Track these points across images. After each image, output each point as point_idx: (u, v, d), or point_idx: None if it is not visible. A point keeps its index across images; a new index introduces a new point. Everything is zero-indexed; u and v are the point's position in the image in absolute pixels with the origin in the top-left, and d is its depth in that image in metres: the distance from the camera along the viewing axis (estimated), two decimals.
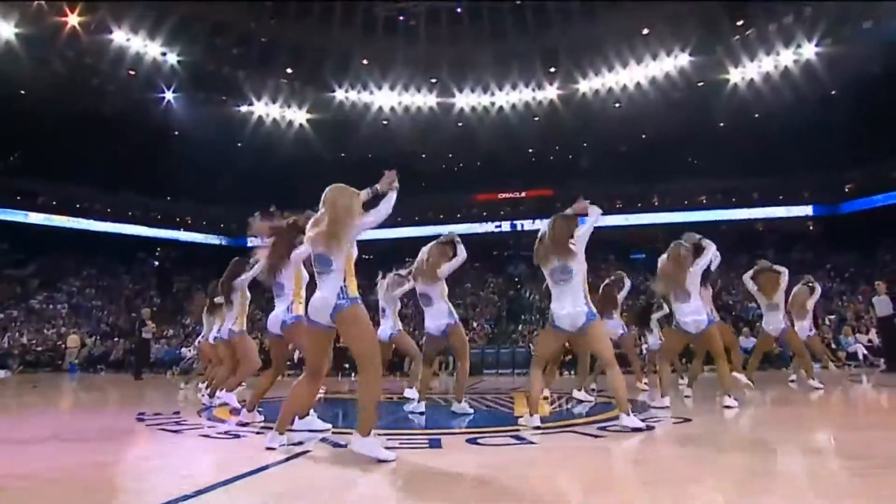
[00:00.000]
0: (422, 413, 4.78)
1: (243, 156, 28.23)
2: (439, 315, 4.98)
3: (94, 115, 23.64)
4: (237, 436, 3.63)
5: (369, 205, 3.24)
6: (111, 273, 25.11)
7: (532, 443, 3.27)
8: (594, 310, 3.91)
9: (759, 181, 24.15)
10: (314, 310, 3.04)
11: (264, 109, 26.94)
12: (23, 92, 23.49)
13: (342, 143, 28.77)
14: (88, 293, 22.46)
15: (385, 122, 27.97)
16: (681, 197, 25.49)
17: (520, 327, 19.18)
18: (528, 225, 27.26)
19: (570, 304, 3.90)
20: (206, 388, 6.03)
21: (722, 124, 23.73)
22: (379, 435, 2.96)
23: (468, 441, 3.31)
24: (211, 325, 6.55)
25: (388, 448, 2.81)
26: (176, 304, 24.48)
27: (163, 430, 3.90)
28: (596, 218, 4.24)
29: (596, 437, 3.44)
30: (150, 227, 28.20)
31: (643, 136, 24.90)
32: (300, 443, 3.23)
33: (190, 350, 14.95)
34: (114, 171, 24.97)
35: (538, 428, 3.66)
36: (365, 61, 25.01)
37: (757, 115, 22.58)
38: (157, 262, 29.91)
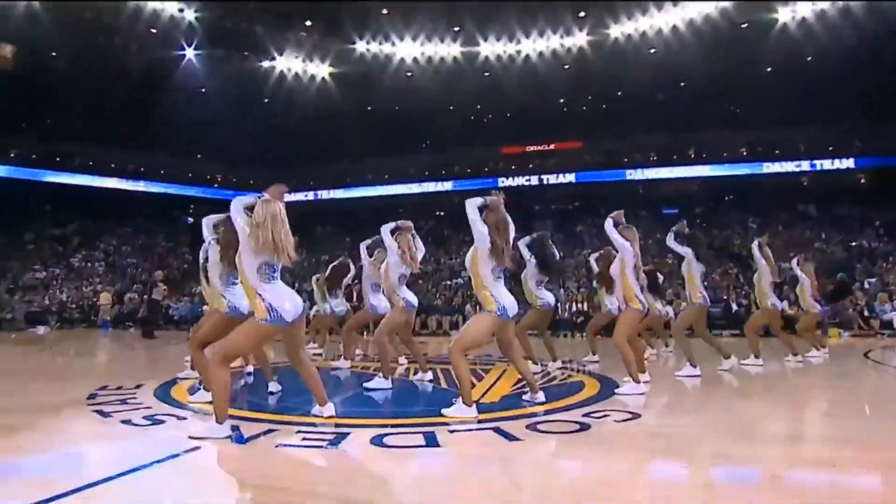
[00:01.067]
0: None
1: (269, 112, 28.21)
2: None
3: (121, 75, 23.93)
4: (160, 422, 3.57)
5: None
6: (146, 231, 25.99)
7: (438, 445, 3.03)
8: None
9: (806, 131, 22.33)
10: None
11: (286, 64, 26.61)
12: (53, 54, 23.94)
13: (367, 97, 28.26)
14: (124, 251, 23.37)
15: (409, 74, 27.18)
16: (719, 149, 23.92)
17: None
18: (555, 179, 26.43)
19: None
20: None
21: (769, 69, 21.84)
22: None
23: (373, 441, 3.10)
24: None
25: (284, 445, 2.87)
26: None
27: (97, 412, 3.88)
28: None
29: (511, 439, 3.15)
30: (182, 185, 28.85)
31: (681, 84, 23.25)
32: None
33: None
34: (145, 132, 25.36)
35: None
36: (385, 11, 24.08)
37: (809, 59, 20.60)
38: (190, 220, 30.79)
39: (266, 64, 27.16)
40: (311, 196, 30.84)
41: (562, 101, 26.62)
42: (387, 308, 5.61)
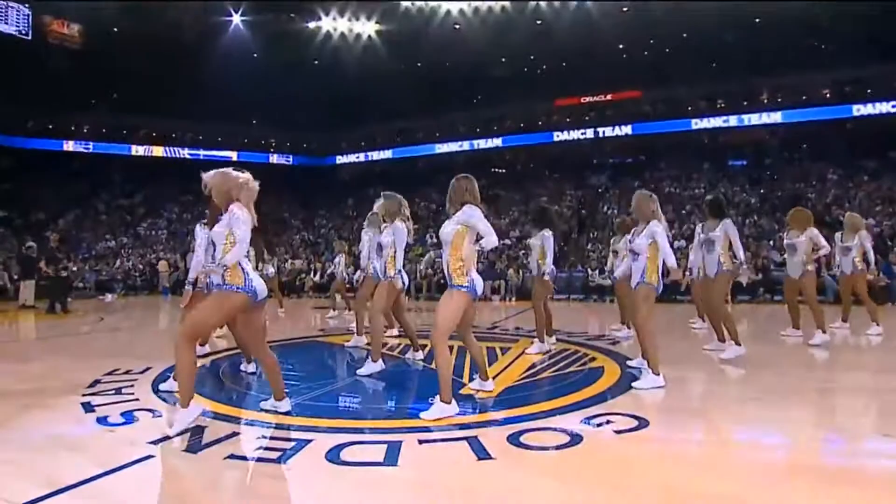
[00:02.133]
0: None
1: (319, 75, 28.15)
2: None
3: (177, 47, 24.50)
4: (132, 420, 3.49)
5: None
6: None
7: (396, 464, 2.70)
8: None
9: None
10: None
11: (332, 24, 26.31)
12: (116, 30, 24.81)
13: (416, 53, 27.58)
14: (186, 218, 24.43)
15: (456, 27, 26.15)
16: (798, 91, 21.38)
17: (588, 245, 17.91)
18: (611, 131, 24.89)
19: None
20: None
21: None
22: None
23: (328, 456, 2.84)
24: None
25: (233, 457, 2.74)
26: (262, 225, 26.02)
27: (85, 404, 3.86)
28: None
29: (481, 458, 2.78)
30: (238, 152, 29.62)
31: (756, 21, 20.83)
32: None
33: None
34: (202, 101, 26.08)
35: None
36: None
37: None
38: None
39: (312, 25, 26.96)
40: (361, 157, 30.90)
41: (620, 47, 24.73)
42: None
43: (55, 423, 3.49)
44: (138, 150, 27.09)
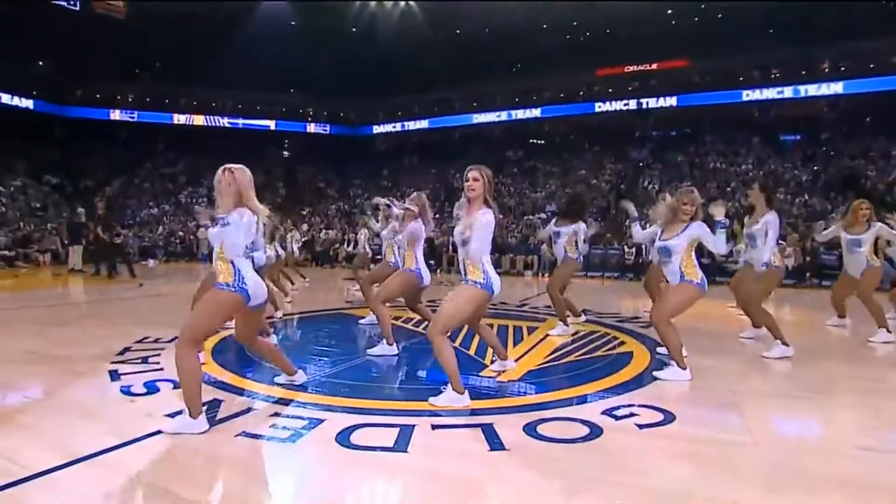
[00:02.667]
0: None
1: (356, 44, 27.92)
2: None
3: (216, 18, 24.67)
4: (155, 390, 3.55)
5: None
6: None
7: (406, 450, 2.64)
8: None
9: None
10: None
11: None
12: (157, 0, 25.12)
13: (454, 21, 26.96)
14: None
15: None
16: (863, 59, 19.80)
17: (626, 222, 17.33)
18: (655, 103, 23.85)
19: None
20: None
21: None
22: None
23: (338, 438, 2.79)
24: None
25: (245, 434, 2.75)
26: (298, 192, 26.38)
27: (112, 371, 3.96)
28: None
29: (494, 448, 2.69)
30: (277, 121, 29.87)
31: None
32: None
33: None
34: (242, 71, 26.32)
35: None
36: None
37: None
38: (286, 153, 32.09)
39: None
40: (398, 127, 30.70)
41: (669, 12, 23.47)
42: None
43: (79, 391, 3.58)
44: (180, 118, 27.64)
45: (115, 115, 26.59)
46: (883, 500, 2.20)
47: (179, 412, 3.07)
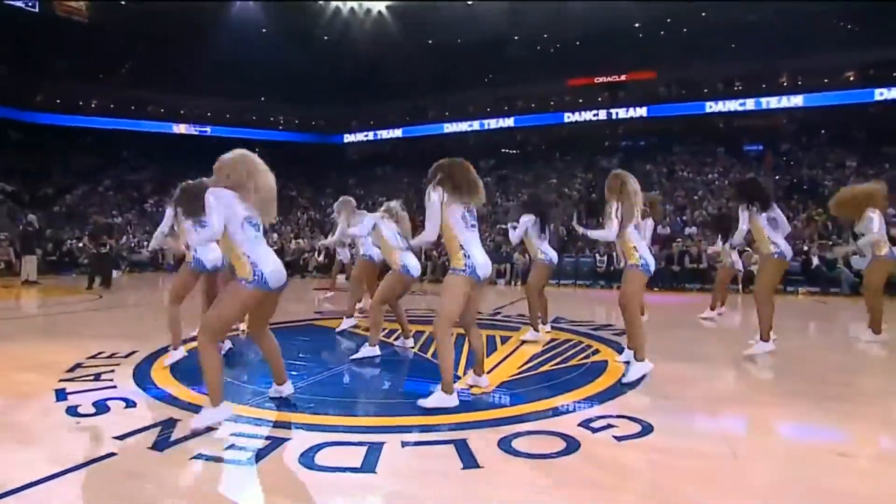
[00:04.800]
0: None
1: (329, 52, 27.77)
2: None
3: (185, 23, 24.16)
4: (105, 410, 3.31)
5: None
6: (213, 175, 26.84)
7: (374, 471, 2.49)
8: None
9: None
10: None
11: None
12: (123, 3, 24.50)
13: (427, 31, 27.07)
14: None
15: (469, 3, 25.60)
16: (820, 74, 20.65)
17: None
18: (625, 113, 24.31)
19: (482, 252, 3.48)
20: None
21: None
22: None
23: (301, 460, 2.62)
24: None
25: (201, 456, 2.59)
26: None
27: (59, 390, 3.69)
28: None
29: (468, 466, 2.56)
30: (247, 129, 29.36)
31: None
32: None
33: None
34: (210, 77, 25.85)
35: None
36: None
37: None
38: None
39: (321, 0, 26.49)
40: (370, 136, 30.56)
41: (636, 25, 24.05)
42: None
43: (19, 413, 3.30)
44: (147, 125, 26.93)
45: (78, 121, 25.72)
46: None
47: (131, 434, 2.87)
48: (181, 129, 27.70)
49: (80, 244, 11.96)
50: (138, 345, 5.17)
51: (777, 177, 19.00)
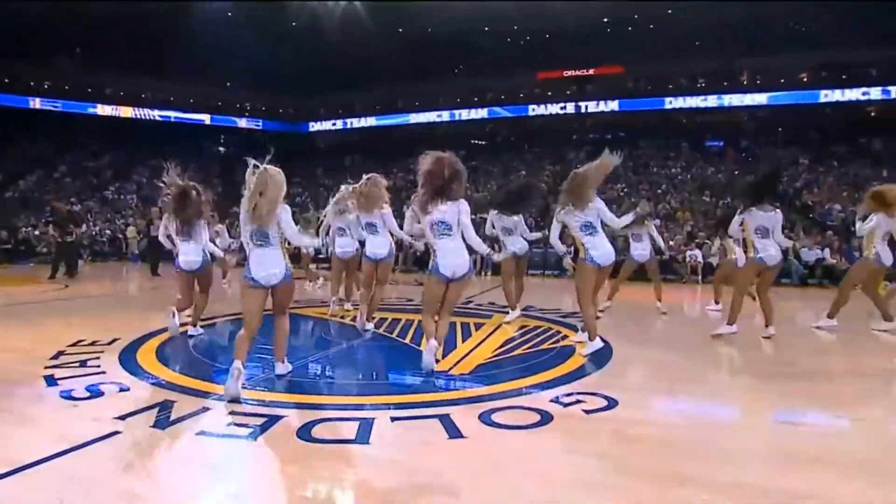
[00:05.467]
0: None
1: (297, 38, 27.25)
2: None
3: (145, 2, 23.32)
4: (99, 394, 3.41)
5: None
6: (177, 163, 26.16)
7: (368, 442, 2.71)
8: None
9: (881, 53, 19.75)
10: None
11: None
12: None
13: (396, 19, 26.85)
14: (156, 183, 23.69)
15: None
16: (777, 74, 21.59)
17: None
18: (595, 107, 24.82)
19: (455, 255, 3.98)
20: None
21: None
22: None
23: (300, 434, 2.82)
24: None
25: (204, 433, 2.80)
26: (237, 190, 25.48)
27: (48, 377, 3.75)
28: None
29: (454, 436, 2.81)
30: (211, 115, 28.69)
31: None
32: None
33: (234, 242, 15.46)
34: (174, 61, 25.05)
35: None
36: None
37: None
38: (222, 149, 30.88)
39: None
40: (339, 125, 30.28)
41: (605, 20, 24.46)
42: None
43: (14, 398, 3.38)
44: (105, 109, 25.98)
45: (33, 103, 24.62)
46: (798, 465, 2.48)
47: (130, 414, 3.00)
48: (142, 113, 26.86)
49: (43, 232, 11.61)
50: (118, 333, 5.21)
51: (737, 172, 19.85)
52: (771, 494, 2.19)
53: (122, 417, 2.95)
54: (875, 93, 20.15)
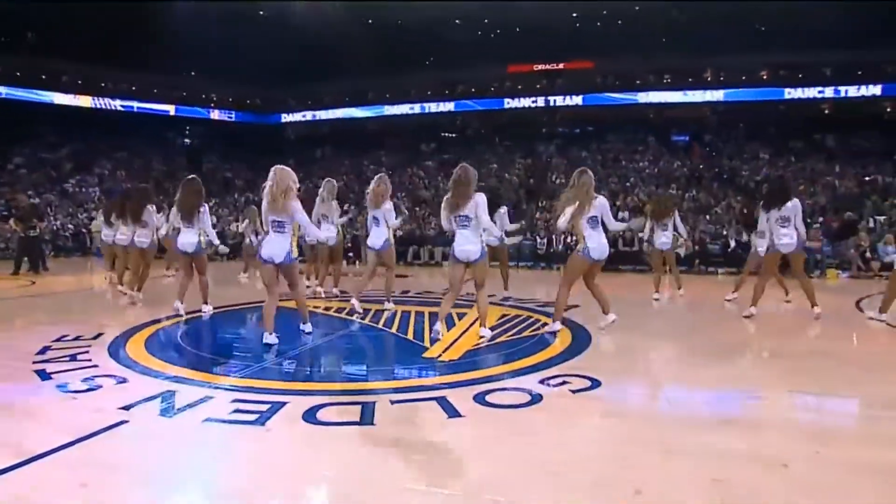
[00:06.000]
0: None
1: (265, 29, 26.74)
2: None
3: None
4: (96, 387, 3.44)
5: None
6: (142, 155, 25.46)
7: (373, 423, 2.85)
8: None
9: (834, 54, 20.70)
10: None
11: None
12: None
13: (367, 10, 26.62)
14: (120, 175, 23.02)
15: None
16: (738, 72, 22.39)
17: (537, 214, 18.31)
18: (563, 101, 25.20)
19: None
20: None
21: None
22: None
23: (305, 417, 2.94)
24: None
25: (211, 420, 2.88)
26: (204, 182, 24.91)
27: (39, 371, 3.74)
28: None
29: (452, 415, 2.98)
30: (176, 105, 27.93)
31: None
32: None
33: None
34: (136, 49, 24.23)
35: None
36: None
37: None
38: (187, 141, 30.12)
39: None
40: (308, 116, 29.91)
41: (574, 15, 24.84)
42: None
43: (10, 393, 3.38)
44: (62, 98, 24.95)
45: None
46: (769, 433, 2.75)
47: (134, 404, 3.06)
48: (103, 103, 25.91)
49: (6, 225, 11.24)
50: (99, 328, 5.19)
51: (701, 166, 20.56)
52: (750, 456, 2.43)
53: (126, 408, 3.01)
54: (829, 92, 21.15)
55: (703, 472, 2.28)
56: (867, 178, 15.96)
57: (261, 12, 26.93)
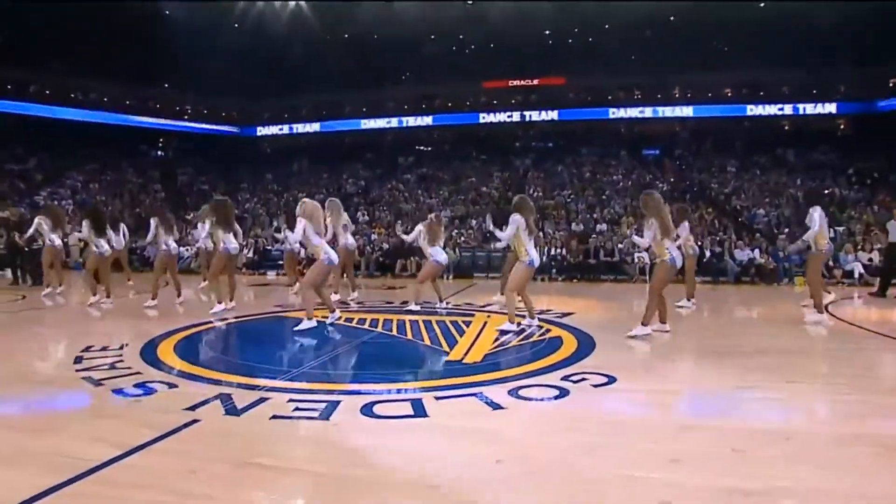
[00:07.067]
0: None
1: (240, 40, 26.70)
2: None
3: None
4: (152, 391, 3.64)
5: None
6: (114, 167, 25.04)
7: (426, 415, 3.17)
8: None
9: (792, 73, 22.14)
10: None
11: None
12: None
13: (344, 25, 26.91)
14: (93, 188, 22.59)
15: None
16: (704, 89, 23.67)
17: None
18: (537, 116, 26.01)
19: None
20: None
21: (763, 4, 21.29)
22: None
23: (363, 411, 3.23)
24: None
25: (278, 417, 3.13)
26: (179, 195, 24.66)
27: (86, 378, 3.91)
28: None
29: (495, 408, 3.28)
30: (149, 117, 27.60)
31: (671, 19, 22.54)
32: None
33: (188, 249, 15.16)
34: (109, 60, 23.92)
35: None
36: None
37: None
38: (161, 153, 29.71)
39: None
40: (286, 130, 29.95)
41: (547, 32, 25.70)
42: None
43: (76, 399, 3.55)
44: (29, 108, 24.38)
45: None
46: (764, 432, 3.17)
47: (197, 405, 3.26)
48: (73, 114, 25.40)
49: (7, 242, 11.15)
50: (119, 339, 5.31)
51: (672, 179, 21.50)
52: (752, 433, 2.84)
53: (192, 408, 3.22)
54: (788, 109, 22.53)
55: (724, 442, 2.69)
56: (825, 192, 17.02)
57: (235, 25, 26.90)
